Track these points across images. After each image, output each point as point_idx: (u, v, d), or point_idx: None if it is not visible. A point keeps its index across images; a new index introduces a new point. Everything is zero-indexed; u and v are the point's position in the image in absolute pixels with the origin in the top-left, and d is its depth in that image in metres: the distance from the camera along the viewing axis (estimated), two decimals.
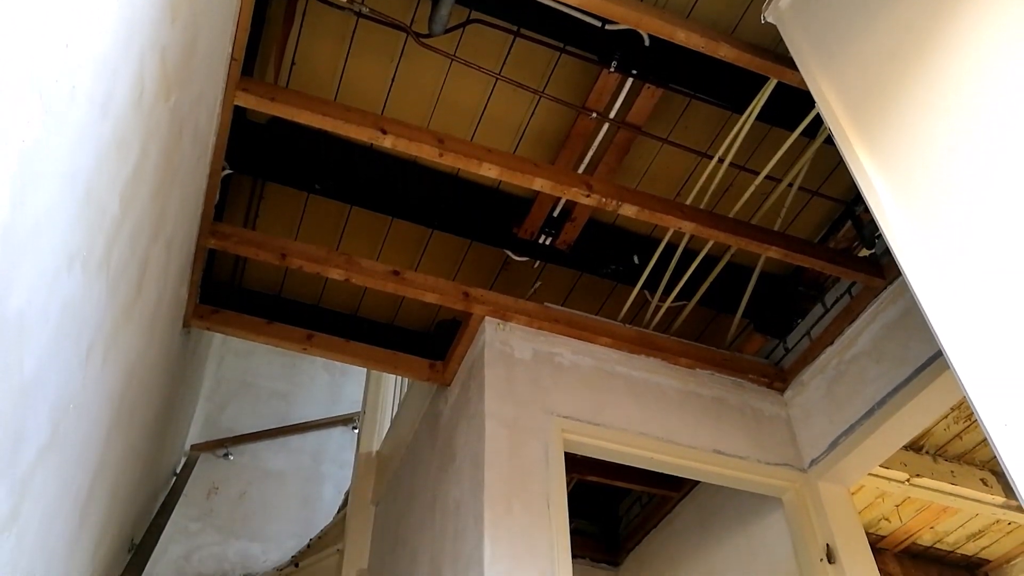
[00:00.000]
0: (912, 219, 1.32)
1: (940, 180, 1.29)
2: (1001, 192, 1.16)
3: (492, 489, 2.30)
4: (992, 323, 1.12)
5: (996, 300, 1.12)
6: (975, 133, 1.24)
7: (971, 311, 1.16)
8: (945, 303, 1.21)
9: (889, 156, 1.41)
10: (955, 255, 1.22)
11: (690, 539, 3.36)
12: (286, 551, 4.59)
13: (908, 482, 3.08)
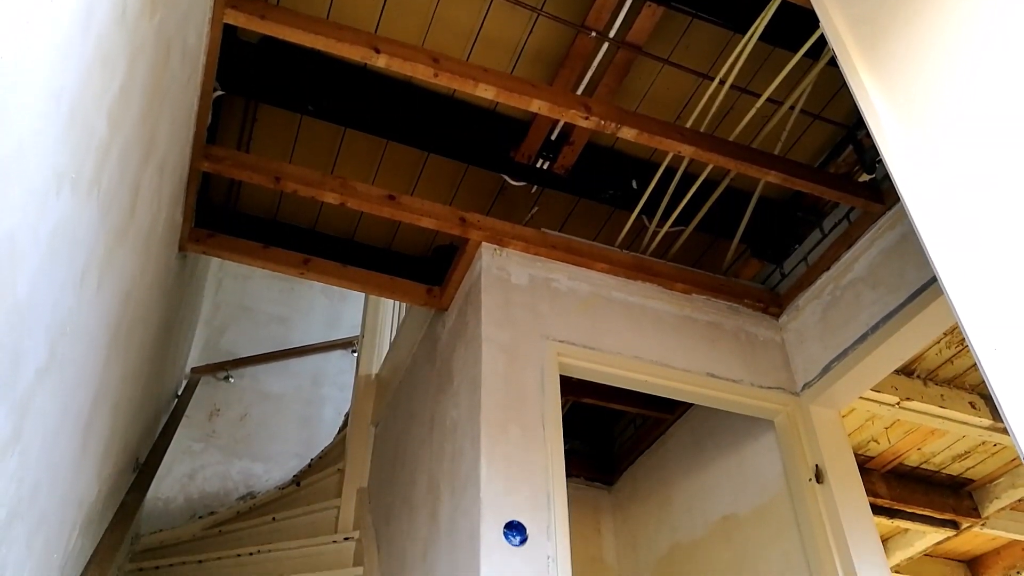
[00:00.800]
0: (913, 143, 1.30)
1: (943, 105, 1.27)
2: (1004, 120, 1.14)
3: (489, 411, 2.34)
4: (986, 250, 1.12)
5: (992, 227, 1.12)
6: (982, 58, 1.21)
7: (967, 237, 1.16)
8: (942, 228, 1.20)
9: (893, 79, 1.38)
10: (954, 180, 1.21)
11: (683, 460, 3.44)
12: (288, 470, 4.70)
13: (898, 405, 3.13)
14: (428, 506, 2.62)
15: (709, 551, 3.13)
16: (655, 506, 3.57)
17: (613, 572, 3.76)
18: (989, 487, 3.86)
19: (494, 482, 2.20)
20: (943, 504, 3.81)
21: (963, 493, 3.91)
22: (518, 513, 2.15)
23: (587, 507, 3.86)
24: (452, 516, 2.35)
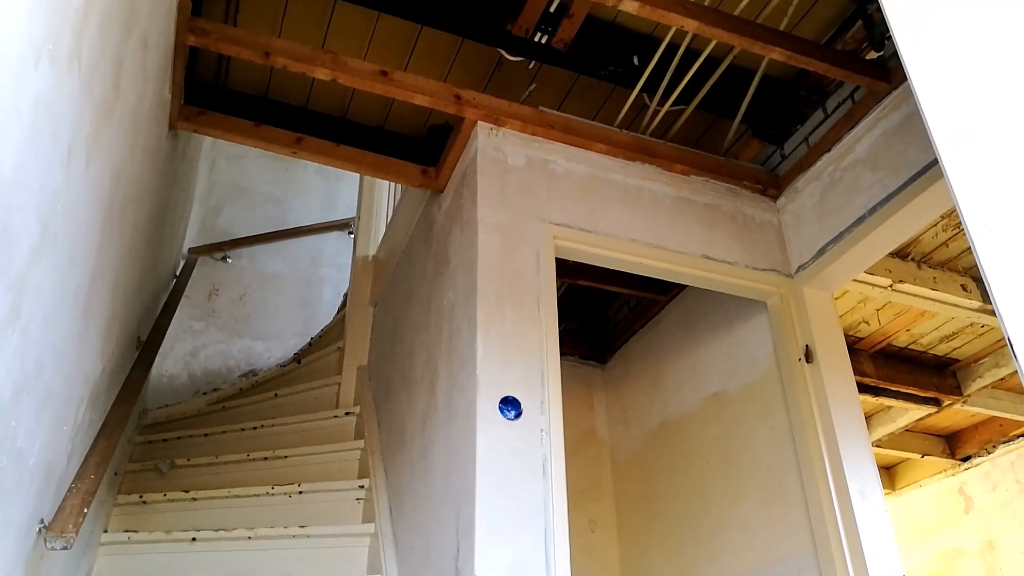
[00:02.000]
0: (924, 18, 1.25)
1: None
2: None
3: (484, 293, 2.37)
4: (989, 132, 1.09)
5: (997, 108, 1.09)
6: None
7: (971, 118, 1.13)
8: (947, 107, 1.17)
9: None
10: (963, 58, 1.17)
11: (675, 339, 3.51)
12: (288, 349, 4.80)
13: (891, 288, 3.16)
14: (426, 383, 2.69)
15: (698, 426, 3.24)
16: (647, 384, 3.67)
17: (605, 445, 3.91)
18: (973, 367, 3.96)
19: (490, 360, 2.24)
20: (927, 383, 3.92)
21: (947, 372, 4.01)
22: (513, 389, 2.21)
23: (581, 384, 3.96)
24: (449, 392, 2.41)
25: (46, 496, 1.83)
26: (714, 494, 3.05)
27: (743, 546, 2.84)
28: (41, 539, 1.80)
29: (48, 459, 1.80)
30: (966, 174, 1.13)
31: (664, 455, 3.44)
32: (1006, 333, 0.99)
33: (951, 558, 5.16)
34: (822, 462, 2.53)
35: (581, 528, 3.56)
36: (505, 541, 1.98)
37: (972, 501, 5.09)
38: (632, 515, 3.60)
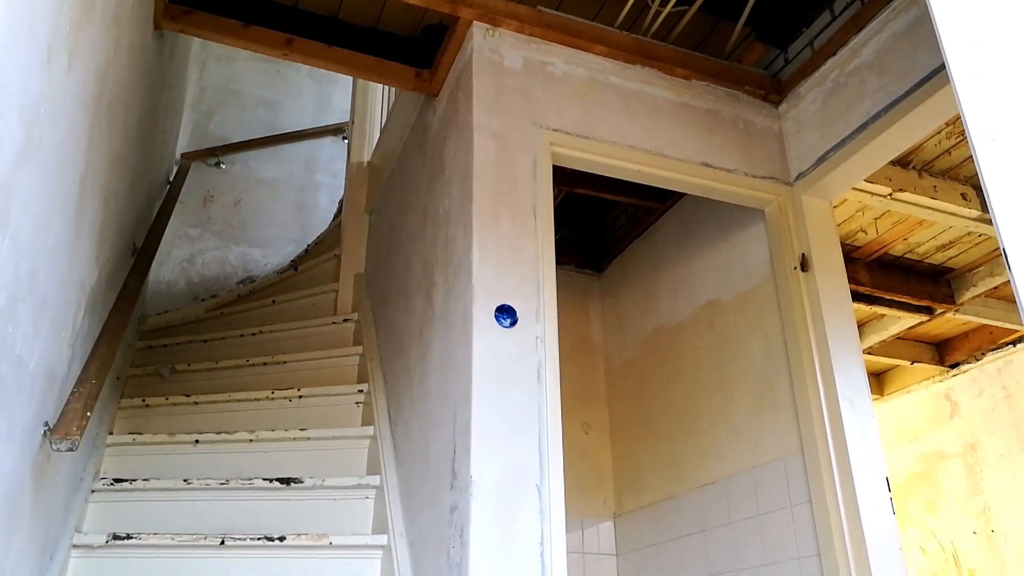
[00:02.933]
0: None
1: None
2: None
3: (480, 200, 2.34)
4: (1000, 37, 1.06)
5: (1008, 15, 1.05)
6: None
7: (982, 21, 1.09)
8: (957, 8, 1.13)
9: None
10: None
11: (671, 248, 3.51)
12: (285, 255, 4.80)
13: (890, 196, 3.13)
14: (423, 291, 2.70)
15: (692, 334, 3.28)
16: (642, 292, 3.69)
17: (599, 352, 3.97)
18: (967, 275, 3.98)
19: (486, 268, 2.25)
20: (921, 291, 3.94)
21: (941, 281, 4.03)
22: (509, 297, 2.22)
23: (576, 292, 3.99)
24: (446, 300, 2.42)
25: (49, 401, 1.86)
26: (705, 399, 3.12)
27: (733, 449, 2.92)
28: (47, 441, 1.84)
29: (48, 365, 1.82)
30: (973, 80, 1.10)
31: (657, 362, 3.49)
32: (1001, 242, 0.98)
33: (933, 460, 5.33)
34: (813, 369, 2.57)
35: (575, 431, 3.65)
36: (501, 443, 2.03)
37: (957, 406, 5.21)
38: (625, 419, 3.69)
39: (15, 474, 1.66)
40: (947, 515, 5.17)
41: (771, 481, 2.69)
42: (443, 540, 2.07)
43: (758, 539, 2.71)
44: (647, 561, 3.32)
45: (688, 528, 3.09)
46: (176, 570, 2.37)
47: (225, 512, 2.61)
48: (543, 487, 2.01)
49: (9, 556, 1.69)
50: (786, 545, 2.57)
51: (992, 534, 4.89)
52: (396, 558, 2.35)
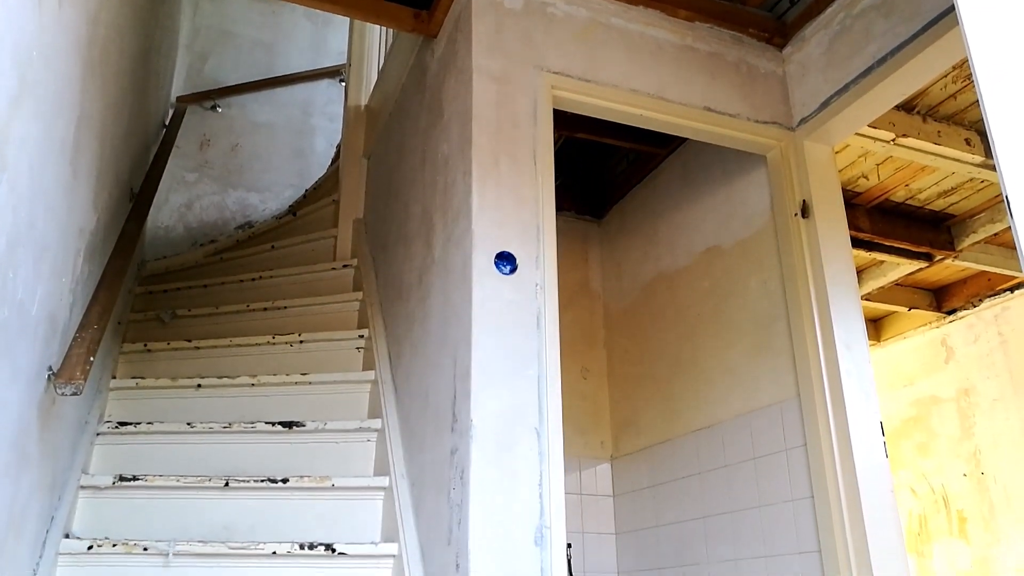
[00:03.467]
0: None
1: None
2: None
3: (479, 144, 2.32)
4: None
5: None
6: None
7: None
8: None
9: None
10: None
11: (672, 194, 3.49)
12: (283, 201, 4.77)
13: (893, 142, 3.10)
14: (422, 237, 2.70)
15: (691, 280, 3.28)
16: (642, 238, 3.68)
17: (598, 298, 3.98)
18: (968, 222, 3.97)
19: (485, 214, 2.24)
20: (921, 238, 3.94)
21: (942, 228, 4.02)
22: (508, 244, 2.22)
23: (576, 239, 3.98)
24: (445, 246, 2.42)
25: (52, 345, 1.87)
26: (703, 344, 3.14)
27: (730, 393, 2.95)
28: (51, 386, 1.86)
29: (50, 310, 1.83)
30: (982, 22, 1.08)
31: (656, 308, 3.50)
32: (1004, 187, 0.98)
33: (927, 405, 5.39)
34: (811, 315, 2.58)
35: (573, 375, 3.69)
36: (500, 387, 2.05)
37: (953, 352, 5.26)
38: (623, 364, 3.72)
39: (22, 416, 1.68)
40: (939, 458, 5.26)
41: (767, 425, 2.73)
42: (444, 481, 2.11)
43: (753, 482, 2.76)
44: (643, 502, 3.39)
45: (684, 471, 3.15)
46: (181, 510, 2.42)
47: (228, 455, 2.65)
48: (542, 430, 2.04)
49: (20, 494, 1.72)
50: (780, 488, 2.62)
51: (982, 476, 4.98)
52: (398, 499, 2.40)
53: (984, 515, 4.93)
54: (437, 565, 2.07)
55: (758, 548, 2.68)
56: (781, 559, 2.56)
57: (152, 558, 2.20)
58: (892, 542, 2.29)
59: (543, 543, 1.93)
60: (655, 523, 3.29)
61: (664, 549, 3.20)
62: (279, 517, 2.45)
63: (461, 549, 1.91)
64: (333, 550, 2.27)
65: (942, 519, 5.17)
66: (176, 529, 2.38)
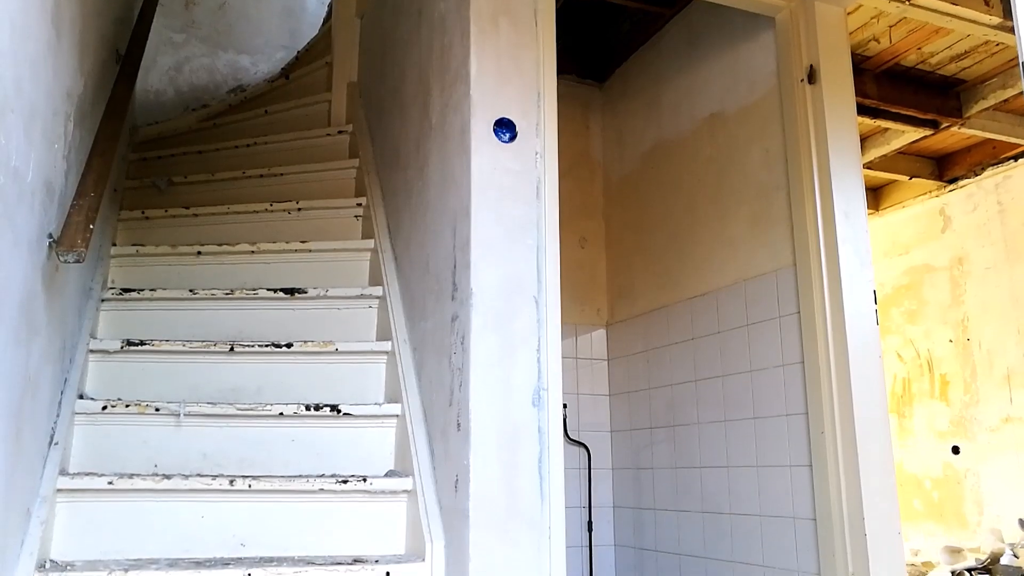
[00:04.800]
0: None
1: None
2: None
3: (477, 4, 2.22)
4: None
5: None
6: None
7: None
8: None
9: None
10: None
11: (676, 58, 3.38)
12: (275, 63, 4.63)
13: (908, 2, 2.98)
14: (419, 102, 2.63)
15: (692, 148, 3.24)
16: (644, 104, 3.60)
17: (599, 166, 3.94)
18: (978, 88, 3.88)
19: (484, 79, 2.17)
20: (928, 104, 3.86)
21: (951, 94, 3.93)
22: (508, 110, 2.17)
23: (577, 105, 3.89)
24: (443, 112, 2.37)
25: (50, 212, 1.87)
26: (703, 213, 3.14)
27: (726, 262, 2.98)
28: (53, 253, 1.87)
29: (45, 177, 1.81)
30: None
31: (656, 176, 3.48)
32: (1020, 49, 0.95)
33: (920, 273, 5.46)
34: (812, 183, 2.57)
35: (572, 244, 3.71)
36: (500, 256, 2.06)
37: (950, 221, 5.27)
38: (622, 232, 3.74)
39: (27, 282, 1.70)
40: (927, 324, 5.38)
41: (761, 293, 2.77)
42: (445, 347, 2.16)
43: (745, 348, 2.83)
44: (636, 367, 3.50)
45: (678, 336, 3.23)
46: (188, 374, 2.50)
47: (232, 321, 2.70)
48: (540, 298, 2.07)
49: (32, 358, 1.77)
50: (772, 353, 2.69)
51: (967, 342, 5.12)
52: (400, 362, 2.47)
53: (966, 379, 5.11)
54: (439, 425, 2.16)
55: (747, 410, 2.79)
56: (769, 420, 2.68)
57: (164, 418, 2.28)
58: (876, 404, 2.38)
59: (541, 404, 2.01)
60: (647, 386, 3.40)
61: (656, 410, 3.33)
62: (285, 380, 2.53)
63: (462, 410, 1.98)
64: (338, 411, 2.35)
65: (925, 382, 5.36)
66: (185, 391, 2.46)
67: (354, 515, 2.18)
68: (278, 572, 1.89)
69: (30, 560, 1.74)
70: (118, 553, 2.02)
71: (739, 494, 2.79)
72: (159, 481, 2.05)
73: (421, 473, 2.17)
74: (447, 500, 2.04)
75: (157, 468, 2.24)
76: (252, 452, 2.32)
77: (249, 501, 2.13)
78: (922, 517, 5.17)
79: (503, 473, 1.93)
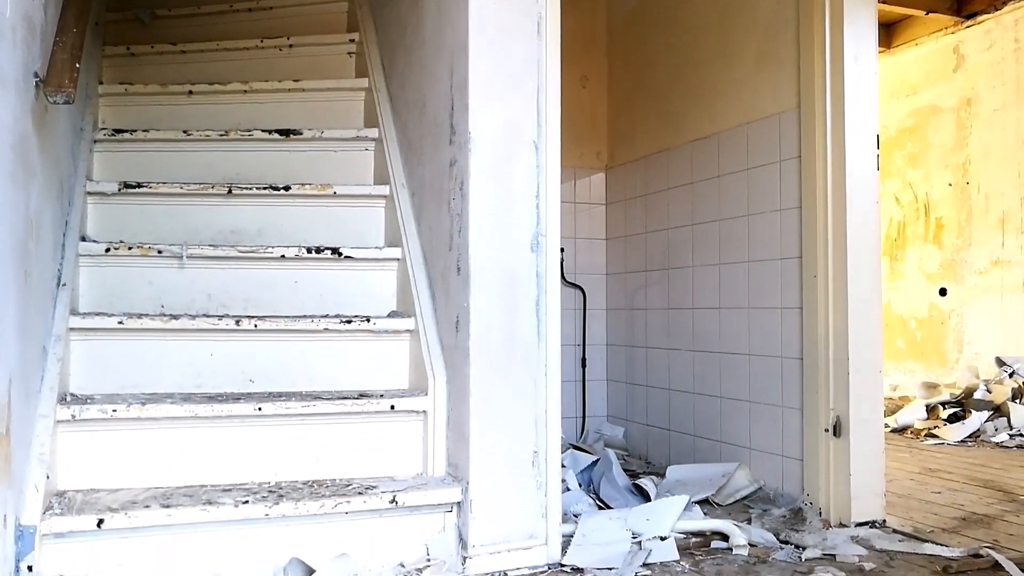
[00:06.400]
0: None
1: None
2: None
3: None
4: None
5: None
6: None
7: None
8: None
9: None
10: None
11: None
12: None
13: None
14: None
15: None
16: None
17: (601, 0, 3.76)
18: None
19: None
20: None
21: None
22: None
23: None
24: None
25: (33, 50, 1.80)
26: (708, 51, 3.03)
27: (730, 104, 2.91)
28: (41, 93, 1.82)
29: (24, 11, 1.73)
30: None
31: (661, 12, 3.33)
32: None
33: (926, 115, 5.36)
34: (823, 22, 2.46)
35: (572, 83, 3.60)
36: (499, 99, 2.01)
37: (963, 60, 5.10)
38: (624, 71, 3.62)
39: (18, 124, 1.67)
40: (928, 167, 5.35)
41: (764, 136, 2.73)
42: (443, 192, 2.16)
43: (744, 192, 2.83)
44: (634, 210, 3.50)
45: (677, 180, 3.21)
46: (187, 216, 2.50)
47: (228, 163, 2.68)
48: (540, 143, 2.05)
49: (31, 200, 1.77)
50: (770, 197, 2.69)
51: (966, 186, 5.11)
52: (399, 207, 2.47)
53: (961, 222, 5.14)
54: (439, 269, 2.20)
55: (742, 254, 2.83)
56: (763, 264, 2.72)
57: (167, 260, 2.32)
58: (869, 250, 2.41)
59: (539, 249, 2.03)
60: (644, 229, 3.43)
61: (652, 253, 3.38)
62: (285, 223, 2.55)
63: (462, 255, 2.01)
64: (339, 254, 2.38)
65: (920, 226, 5.40)
66: (185, 234, 2.48)
67: (358, 354, 2.27)
68: (287, 406, 1.99)
69: (51, 394, 1.83)
70: (134, 387, 2.12)
71: (730, 334, 2.88)
72: (167, 321, 2.11)
73: (423, 314, 2.23)
74: (448, 339, 2.11)
75: (164, 309, 2.30)
76: (256, 293, 2.38)
77: (256, 340, 2.20)
78: (904, 356, 5.38)
79: (502, 314, 1.98)
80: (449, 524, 1.96)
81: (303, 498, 1.83)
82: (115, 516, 1.68)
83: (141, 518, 1.69)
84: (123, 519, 1.68)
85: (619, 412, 3.58)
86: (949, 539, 2.24)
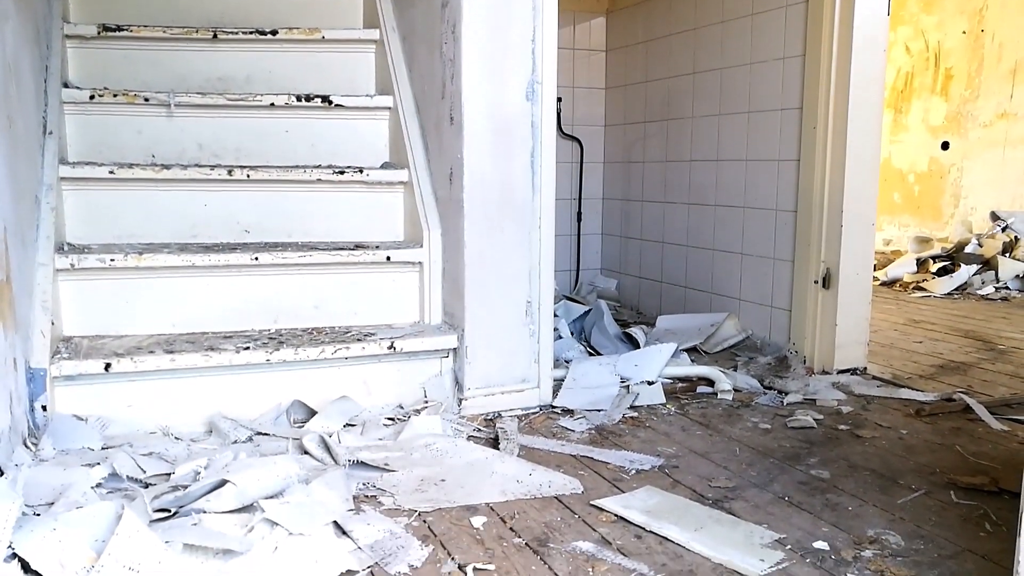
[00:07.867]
0: None
1: None
2: None
3: None
4: None
5: None
6: None
7: None
8: None
9: None
10: None
11: None
12: None
13: None
14: None
15: None
16: None
17: None
18: None
19: None
20: None
21: None
22: None
23: None
24: None
25: None
26: None
27: None
28: None
29: None
30: None
31: None
32: None
33: None
34: None
35: None
36: None
37: None
38: None
39: None
40: (942, 14, 5.13)
41: None
42: (436, 36, 2.08)
43: (747, 39, 2.73)
44: (635, 57, 3.39)
45: (680, 26, 3.09)
46: (172, 62, 2.42)
47: (212, 6, 2.56)
48: None
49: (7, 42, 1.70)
50: (774, 45, 2.60)
51: (981, 34, 4.92)
52: (390, 52, 2.39)
53: (971, 73, 4.99)
54: (432, 118, 2.16)
55: (742, 104, 2.77)
56: (764, 115, 2.66)
57: (155, 108, 2.26)
58: (872, 103, 2.35)
59: (534, 98, 1.99)
60: (644, 78, 3.33)
61: (651, 103, 3.30)
62: (273, 70, 2.47)
63: (455, 103, 1.96)
64: (330, 102, 2.33)
65: (928, 77, 5.24)
66: (171, 81, 2.40)
67: (352, 205, 2.26)
68: (283, 256, 2.01)
69: (48, 243, 1.84)
70: (129, 238, 2.13)
71: (726, 187, 2.87)
72: (159, 171, 2.09)
73: (416, 166, 2.21)
74: (442, 192, 2.10)
75: (155, 158, 2.27)
76: (247, 142, 2.34)
77: (249, 190, 2.19)
78: (900, 210, 5.38)
79: (496, 166, 1.97)
80: (446, 369, 2.03)
81: (303, 344, 1.89)
82: (121, 360, 1.73)
83: (147, 363, 1.75)
84: (129, 363, 1.74)
85: (613, 265, 3.62)
86: (925, 385, 2.34)
